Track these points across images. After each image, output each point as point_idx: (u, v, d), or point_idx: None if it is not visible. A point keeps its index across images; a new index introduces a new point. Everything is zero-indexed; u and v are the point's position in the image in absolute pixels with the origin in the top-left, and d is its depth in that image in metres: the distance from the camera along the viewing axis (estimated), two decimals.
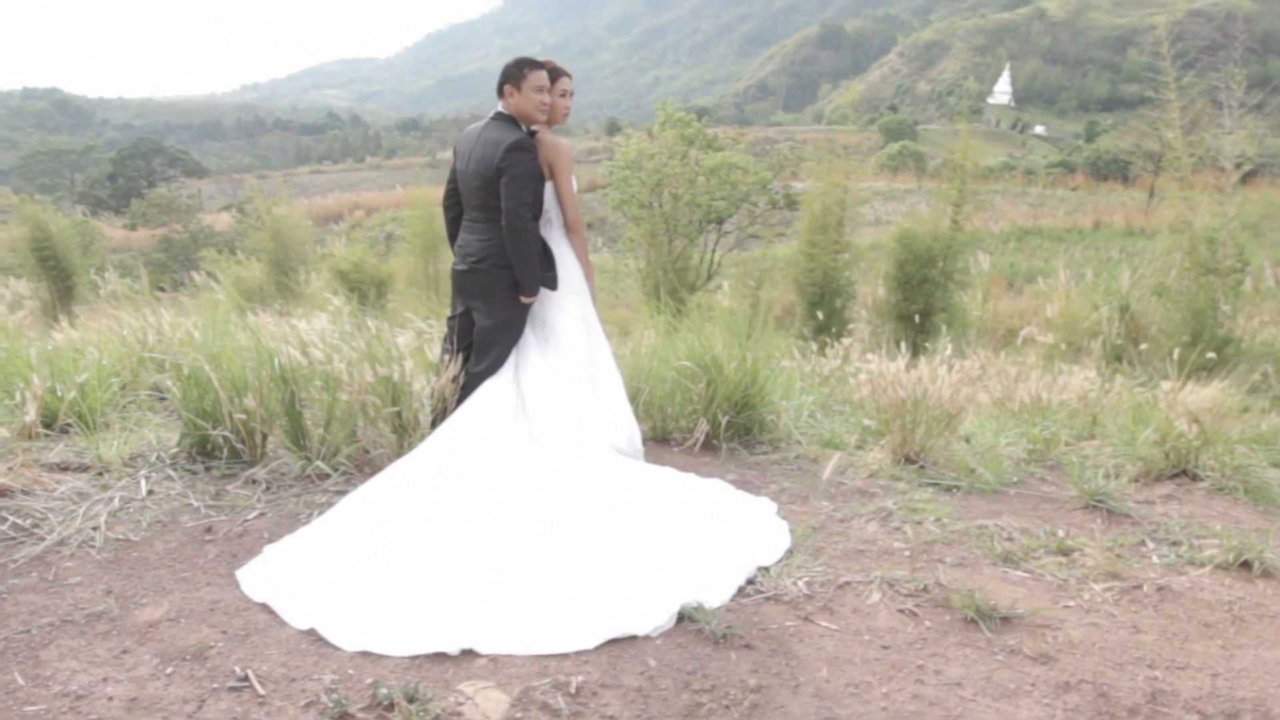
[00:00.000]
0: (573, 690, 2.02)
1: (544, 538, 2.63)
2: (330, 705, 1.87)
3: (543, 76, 3.24)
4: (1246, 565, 2.79)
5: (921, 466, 3.89)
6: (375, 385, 3.37)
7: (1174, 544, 3.00)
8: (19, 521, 2.64)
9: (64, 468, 3.10)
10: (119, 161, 46.82)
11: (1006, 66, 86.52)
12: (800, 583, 2.63)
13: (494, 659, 2.12)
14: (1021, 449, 4.17)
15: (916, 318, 10.63)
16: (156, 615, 2.24)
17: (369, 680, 1.99)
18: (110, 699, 1.89)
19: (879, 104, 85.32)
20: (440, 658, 2.12)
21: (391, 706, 1.87)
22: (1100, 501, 3.37)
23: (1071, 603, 2.60)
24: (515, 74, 3.20)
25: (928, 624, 2.44)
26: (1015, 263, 21.20)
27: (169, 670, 2.01)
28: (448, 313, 3.60)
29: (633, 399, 4.25)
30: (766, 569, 2.69)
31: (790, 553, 2.84)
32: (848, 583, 2.66)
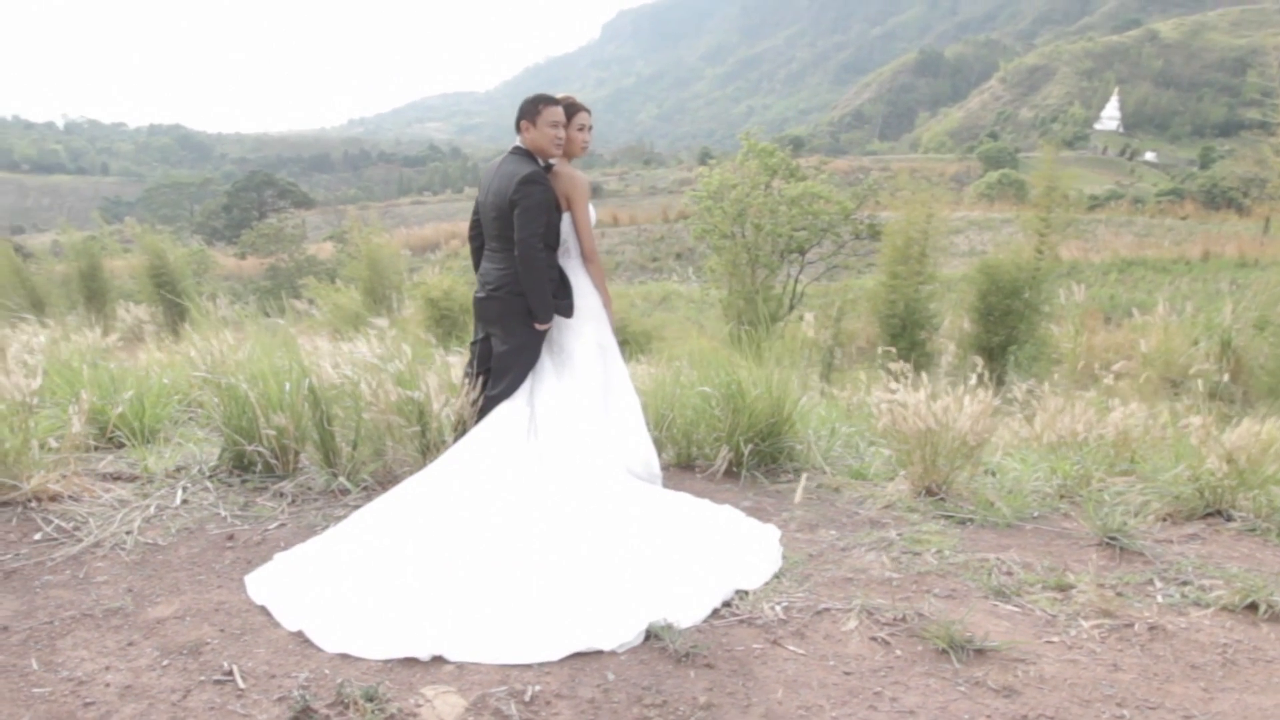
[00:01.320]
0: (527, 699, 2.10)
1: (526, 552, 2.73)
2: (297, 700, 2.02)
3: (558, 113, 3.40)
4: (1253, 608, 2.65)
5: (942, 499, 3.82)
6: (399, 405, 3.58)
7: (1182, 584, 2.87)
8: (62, 524, 2.94)
9: (115, 477, 3.42)
10: (233, 193, 50.29)
11: (1115, 91, 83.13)
12: (778, 607, 2.65)
13: (461, 666, 2.23)
14: (1053, 484, 4.04)
15: (999, 350, 10.31)
16: (166, 613, 2.46)
17: (340, 680, 2.13)
18: (108, 685, 2.09)
19: (978, 131, 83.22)
20: (412, 662, 2.24)
21: (350, 705, 2.01)
22: (1114, 539, 3.25)
23: (1055, 638, 2.52)
24: (530, 110, 3.38)
25: (898, 653, 2.42)
26: (1115, 295, 20.23)
27: (165, 662, 2.21)
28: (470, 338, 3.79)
29: (657, 425, 4.34)
30: (745, 593, 2.72)
31: (777, 578, 2.86)
32: (826, 609, 2.66)
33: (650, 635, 2.41)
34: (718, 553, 2.93)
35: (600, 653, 2.32)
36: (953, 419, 3.95)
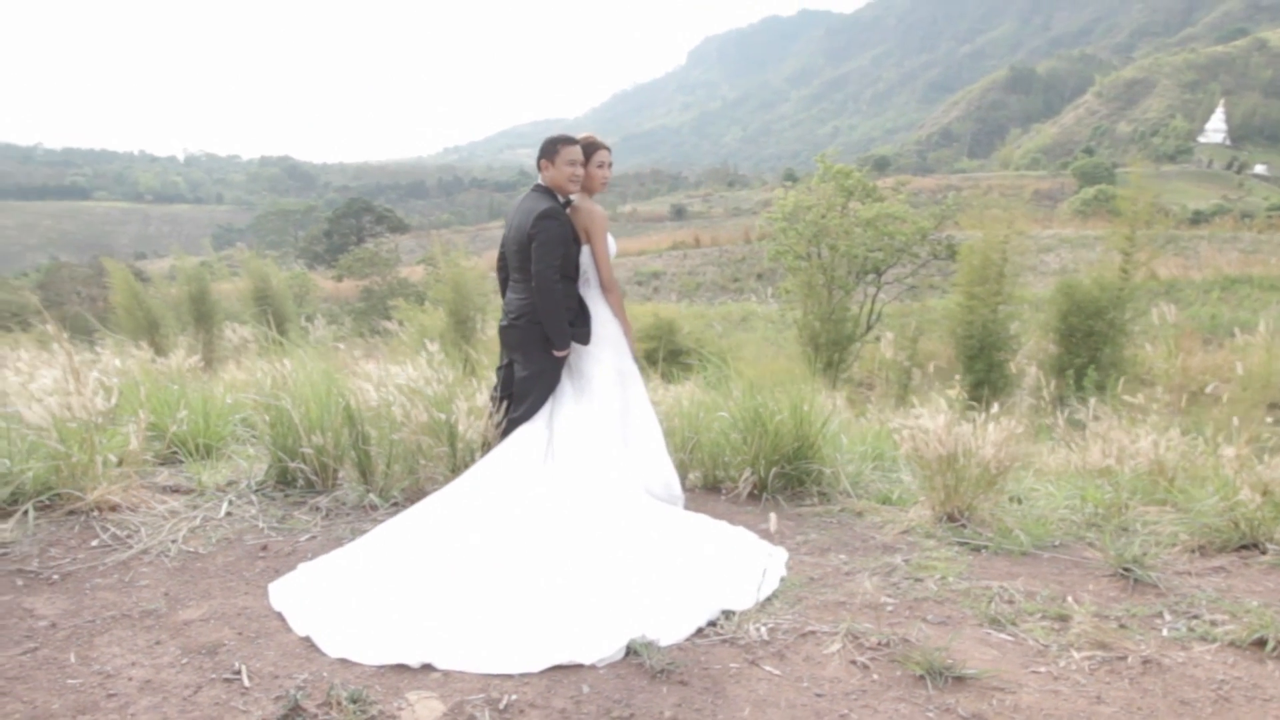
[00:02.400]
0: (502, 706, 2.21)
1: (520, 567, 2.86)
2: (290, 699, 2.18)
3: (575, 152, 3.56)
4: (1260, 644, 2.53)
5: (963, 525, 3.76)
6: (429, 426, 3.78)
7: (1192, 617, 2.77)
8: (117, 532, 3.23)
9: (172, 490, 3.73)
10: (334, 220, 52.98)
11: (1220, 102, 78.49)
12: (763, 629, 2.68)
13: (447, 674, 2.37)
14: (1084, 512, 3.91)
15: (1081, 372, 9.88)
16: (194, 616, 2.68)
17: (336, 681, 2.29)
18: (130, 679, 2.31)
19: (1072, 147, 79.98)
20: (403, 669, 2.39)
21: (335, 706, 2.15)
22: (1129, 570, 3.13)
23: (1042, 668, 2.48)
24: (550, 150, 3.54)
25: (875, 677, 2.42)
26: (1217, 314, 19.01)
27: (184, 661, 2.41)
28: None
29: (682, 448, 4.41)
30: (732, 613, 2.76)
31: (770, 600, 2.89)
32: (812, 632, 2.68)
33: (631, 651, 2.49)
34: (708, 573, 2.98)
35: (580, 666, 2.42)
36: (976, 445, 3.89)
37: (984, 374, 10.76)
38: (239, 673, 2.35)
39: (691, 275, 46.51)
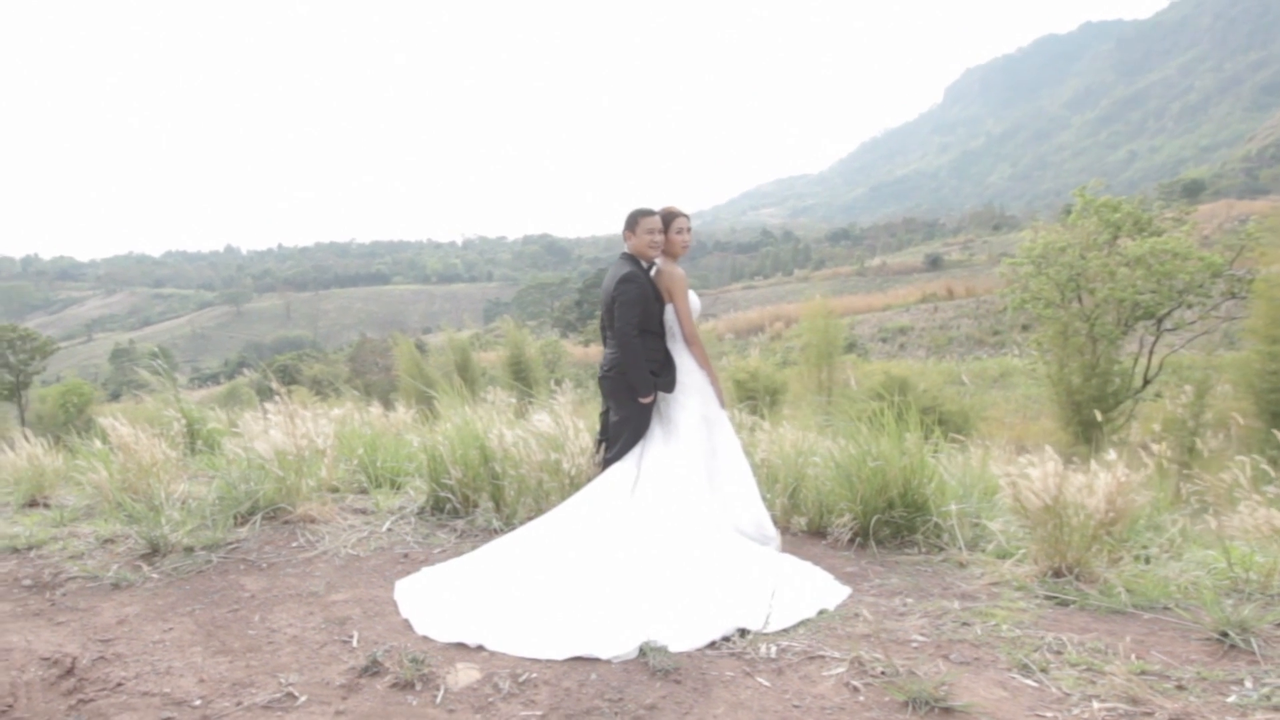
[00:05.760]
0: (521, 680, 2.86)
1: (571, 577, 3.51)
2: (374, 656, 3.02)
3: (654, 222, 4.27)
4: None
5: (1070, 580, 3.74)
6: (545, 464, 4.61)
7: (1277, 688, 2.69)
8: (310, 538, 4.37)
9: (358, 510, 4.89)
10: (583, 290, 58.05)
11: None
12: (774, 648, 3.07)
13: (493, 654, 3.07)
14: (1228, 576, 3.69)
15: None
16: (340, 598, 3.66)
17: (410, 649, 3.10)
18: (285, 634, 3.29)
19: None
20: (463, 647, 3.13)
21: (401, 664, 2.95)
22: (1226, 635, 3.02)
23: (1048, 714, 2.59)
24: (631, 223, 4.29)
25: (861, 699, 2.71)
26: None
27: (323, 626, 3.36)
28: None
29: (782, 491, 4.80)
30: (747, 631, 3.18)
31: (797, 626, 3.25)
32: (820, 656, 3.01)
33: (642, 652, 3.03)
34: (736, 593, 3.41)
35: (597, 660, 3.00)
36: (1082, 496, 3.88)
37: None
38: (351, 637, 3.24)
39: (943, 330, 44.48)
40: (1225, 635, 3.06)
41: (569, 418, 4.86)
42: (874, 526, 4.46)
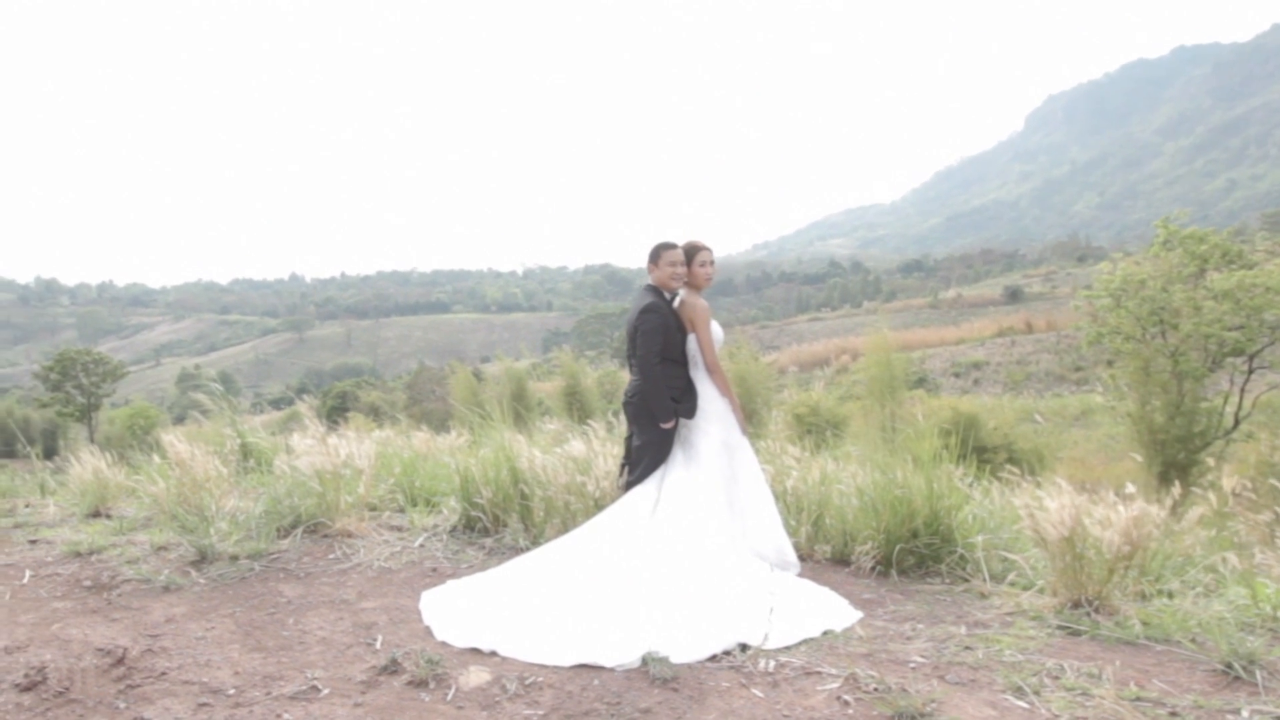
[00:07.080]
0: (528, 683, 3.11)
1: (582, 590, 3.75)
2: (393, 657, 3.31)
3: (677, 254, 4.54)
4: None
5: (1088, 612, 3.82)
6: (570, 486, 4.88)
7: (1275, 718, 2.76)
8: (346, 551, 4.72)
9: (394, 527, 5.23)
10: None
11: None
12: (773, 663, 3.25)
13: (505, 659, 3.33)
14: (1254, 613, 3.73)
15: None
16: (369, 606, 3.98)
17: (428, 652, 3.38)
18: (316, 636, 3.61)
19: None
20: (477, 651, 3.40)
21: (417, 665, 3.23)
22: (1229, 667, 3.09)
23: None
24: (655, 256, 4.57)
25: (850, 712, 2.88)
26: None
27: (351, 630, 3.68)
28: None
29: (806, 520, 4.96)
30: (747, 646, 3.36)
31: (800, 644, 3.42)
32: (817, 672, 3.18)
33: (645, 661, 3.24)
34: (737, 610, 3.60)
35: (602, 667, 3.23)
36: (1100, 529, 3.97)
37: None
38: (375, 640, 3.54)
39: (1020, 365, 43.45)
40: (1230, 667, 3.12)
41: (598, 443, 5.13)
42: (897, 555, 4.58)
